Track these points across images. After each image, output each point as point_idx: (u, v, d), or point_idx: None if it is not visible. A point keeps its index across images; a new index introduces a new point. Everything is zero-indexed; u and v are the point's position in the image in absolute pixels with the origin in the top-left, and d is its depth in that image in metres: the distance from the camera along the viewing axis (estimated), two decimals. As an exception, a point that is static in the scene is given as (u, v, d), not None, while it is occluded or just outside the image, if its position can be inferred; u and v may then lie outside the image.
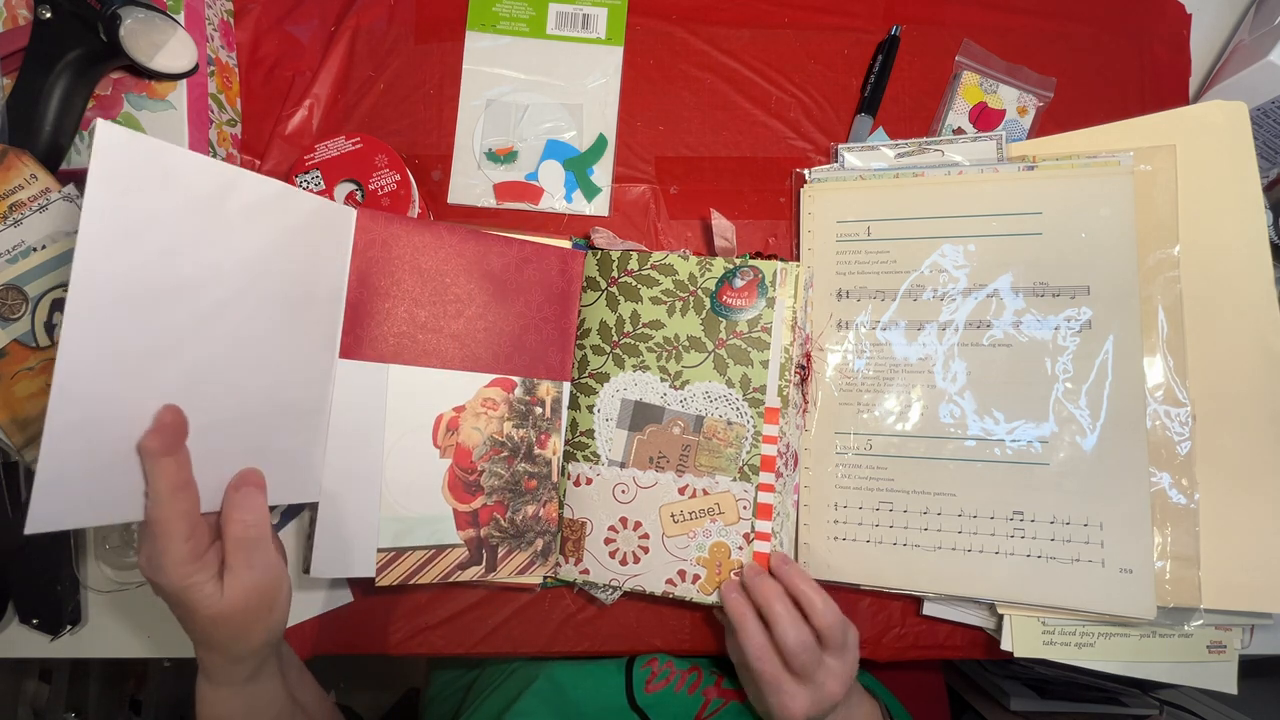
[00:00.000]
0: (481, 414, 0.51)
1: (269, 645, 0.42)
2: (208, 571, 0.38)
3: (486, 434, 0.51)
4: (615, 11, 0.60)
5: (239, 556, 0.39)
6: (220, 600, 0.38)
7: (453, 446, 0.51)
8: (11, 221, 0.49)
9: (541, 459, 0.53)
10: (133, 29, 0.50)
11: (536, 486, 0.52)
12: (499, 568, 0.51)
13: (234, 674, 0.42)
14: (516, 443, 0.52)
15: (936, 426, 0.51)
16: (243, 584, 0.39)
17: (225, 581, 0.39)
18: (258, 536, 0.40)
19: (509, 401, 0.52)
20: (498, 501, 0.51)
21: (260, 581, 0.40)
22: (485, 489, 0.51)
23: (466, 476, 0.51)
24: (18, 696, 1.03)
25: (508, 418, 0.52)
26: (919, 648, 0.54)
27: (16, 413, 0.49)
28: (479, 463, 0.51)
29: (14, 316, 0.49)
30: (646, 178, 0.59)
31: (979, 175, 0.53)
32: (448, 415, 0.51)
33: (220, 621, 0.39)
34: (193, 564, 0.37)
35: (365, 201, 0.55)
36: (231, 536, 0.39)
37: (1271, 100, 0.55)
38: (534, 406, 0.53)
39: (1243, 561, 0.47)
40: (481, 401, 0.51)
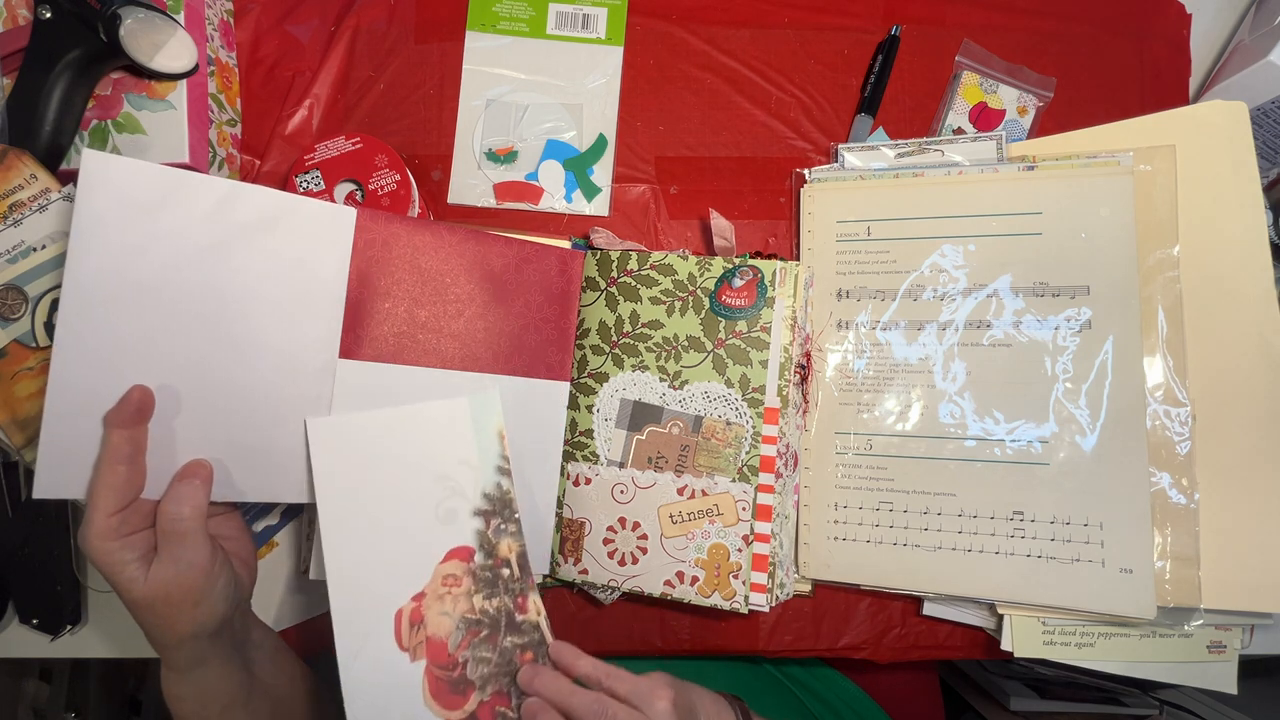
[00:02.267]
0: (445, 595, 0.45)
1: (199, 639, 0.41)
2: (131, 552, 0.39)
3: (457, 616, 0.45)
4: (615, 11, 0.60)
5: (163, 548, 0.39)
6: (141, 585, 0.39)
7: (422, 644, 0.44)
8: (11, 221, 0.49)
9: (527, 625, 0.46)
10: (133, 29, 0.50)
11: (534, 658, 0.45)
12: None
13: (172, 659, 0.42)
14: (494, 615, 0.45)
15: (936, 426, 0.51)
16: (163, 575, 0.39)
17: (151, 569, 0.39)
18: (185, 531, 0.39)
19: (471, 572, 0.46)
20: (496, 692, 0.44)
21: (181, 576, 0.39)
22: (475, 682, 0.44)
23: (449, 674, 0.44)
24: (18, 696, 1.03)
25: (475, 590, 0.46)
26: (919, 648, 0.54)
27: (16, 413, 0.49)
28: (458, 653, 0.44)
29: (14, 316, 0.49)
30: (646, 178, 0.59)
31: (979, 175, 0.53)
32: (408, 608, 0.45)
33: (142, 606, 0.39)
34: (114, 540, 0.38)
35: (365, 201, 0.55)
36: (158, 527, 0.40)
37: (1271, 100, 0.55)
38: (499, 569, 0.46)
39: (1243, 561, 0.47)
40: (442, 580, 0.45)
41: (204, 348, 0.44)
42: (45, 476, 0.40)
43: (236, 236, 0.44)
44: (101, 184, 0.40)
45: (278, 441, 0.47)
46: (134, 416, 0.39)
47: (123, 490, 0.39)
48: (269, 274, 0.46)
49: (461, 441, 0.49)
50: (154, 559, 0.39)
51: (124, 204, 0.41)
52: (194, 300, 0.43)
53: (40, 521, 0.54)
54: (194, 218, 0.43)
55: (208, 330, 0.44)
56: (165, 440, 0.43)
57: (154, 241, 0.42)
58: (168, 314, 0.43)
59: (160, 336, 0.42)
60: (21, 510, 0.54)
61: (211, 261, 0.44)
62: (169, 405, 0.43)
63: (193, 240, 0.43)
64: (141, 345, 0.42)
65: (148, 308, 0.42)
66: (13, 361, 0.49)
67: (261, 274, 0.46)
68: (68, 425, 0.40)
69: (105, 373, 0.41)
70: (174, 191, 0.42)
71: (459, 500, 0.48)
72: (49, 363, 0.40)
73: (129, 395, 0.40)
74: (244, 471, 0.46)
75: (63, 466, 0.40)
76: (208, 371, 0.44)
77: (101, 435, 0.40)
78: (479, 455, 0.49)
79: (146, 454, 0.41)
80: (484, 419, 0.49)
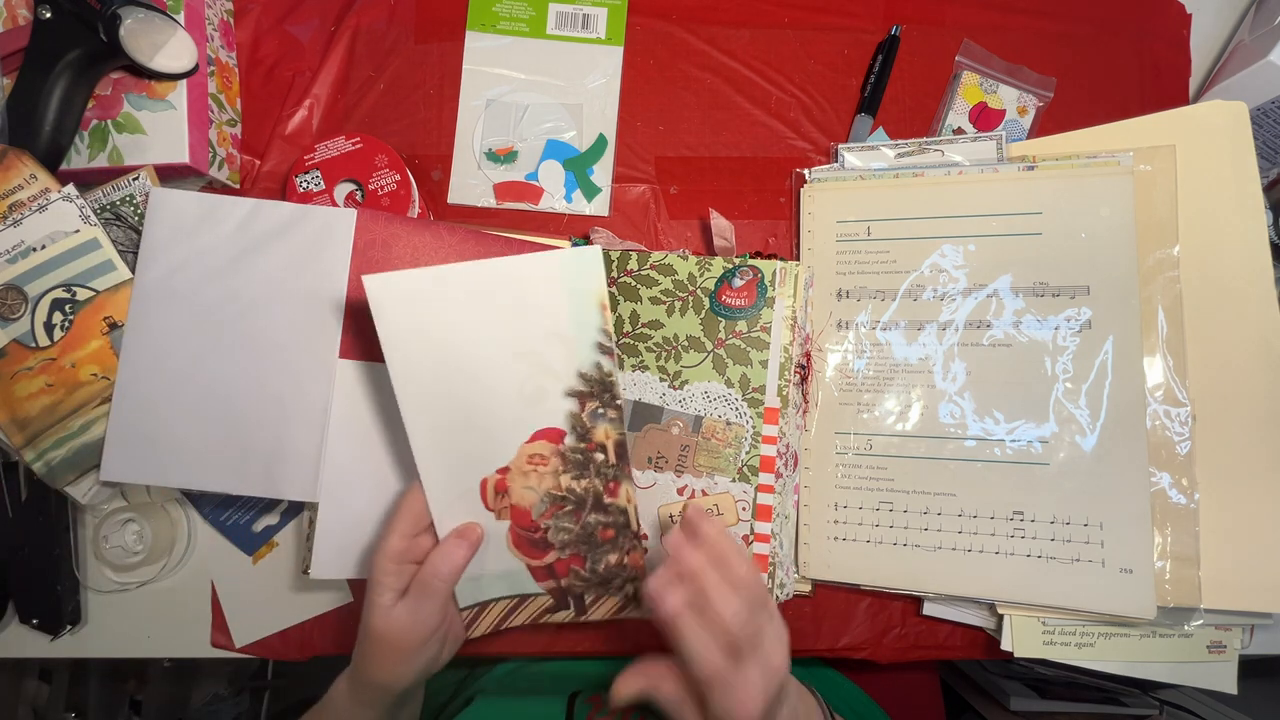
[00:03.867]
0: (530, 472, 0.44)
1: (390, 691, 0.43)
2: (397, 581, 0.41)
3: (542, 491, 0.45)
4: (615, 11, 0.60)
5: (414, 594, 0.41)
6: (382, 615, 0.41)
7: (507, 508, 0.45)
8: (11, 221, 0.49)
9: (614, 508, 0.46)
10: (133, 29, 0.50)
11: (615, 536, 0.46)
12: (589, 610, 0.49)
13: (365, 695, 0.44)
14: (580, 495, 0.45)
15: (936, 426, 0.51)
16: (401, 617, 0.41)
17: (396, 606, 0.41)
18: (437, 589, 0.42)
19: (560, 454, 0.44)
20: (573, 554, 0.46)
21: (411, 627, 0.41)
22: (555, 544, 0.46)
23: (530, 535, 0.46)
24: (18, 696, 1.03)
25: (563, 471, 0.45)
26: (919, 648, 0.54)
27: (16, 413, 0.49)
28: (540, 520, 0.45)
29: (14, 316, 0.49)
30: (646, 178, 0.59)
31: (979, 175, 0.53)
32: (492, 479, 0.44)
33: (371, 634, 0.41)
34: (394, 564, 0.41)
35: (365, 201, 0.55)
36: (420, 574, 0.42)
37: (1271, 100, 0.55)
38: (592, 454, 0.45)
39: (1243, 561, 0.47)
40: (527, 459, 0.44)
41: (222, 349, 0.49)
42: (112, 461, 0.48)
43: (254, 247, 0.49)
44: (162, 212, 0.49)
45: (284, 440, 0.48)
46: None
47: (420, 518, 0.42)
48: (277, 279, 0.49)
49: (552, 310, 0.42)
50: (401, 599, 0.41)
51: (175, 227, 0.49)
52: (217, 306, 0.49)
53: (40, 521, 0.54)
54: (222, 235, 0.49)
55: (227, 333, 0.49)
56: (180, 433, 0.48)
57: (193, 257, 0.49)
58: (199, 319, 0.49)
59: (191, 338, 0.49)
60: (21, 510, 0.54)
61: (233, 271, 0.49)
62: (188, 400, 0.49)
63: (220, 254, 0.49)
64: (177, 346, 0.49)
65: (183, 313, 0.49)
66: (12, 361, 0.49)
67: (271, 279, 0.49)
68: (130, 414, 0.48)
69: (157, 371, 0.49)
70: (210, 213, 0.49)
71: (548, 379, 0.43)
72: (49, 362, 0.42)
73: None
74: (252, 467, 0.48)
75: (127, 452, 0.48)
76: (226, 370, 0.49)
77: None
78: (574, 328, 0.43)
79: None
80: (581, 283, 0.42)
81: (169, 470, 0.49)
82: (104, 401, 0.49)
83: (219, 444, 0.49)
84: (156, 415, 0.49)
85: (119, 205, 0.51)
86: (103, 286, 0.50)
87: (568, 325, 0.42)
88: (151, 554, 0.54)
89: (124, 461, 0.49)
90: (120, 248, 0.50)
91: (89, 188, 0.51)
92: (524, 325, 0.42)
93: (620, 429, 0.44)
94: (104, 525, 0.54)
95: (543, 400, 0.43)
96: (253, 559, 0.55)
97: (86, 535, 0.55)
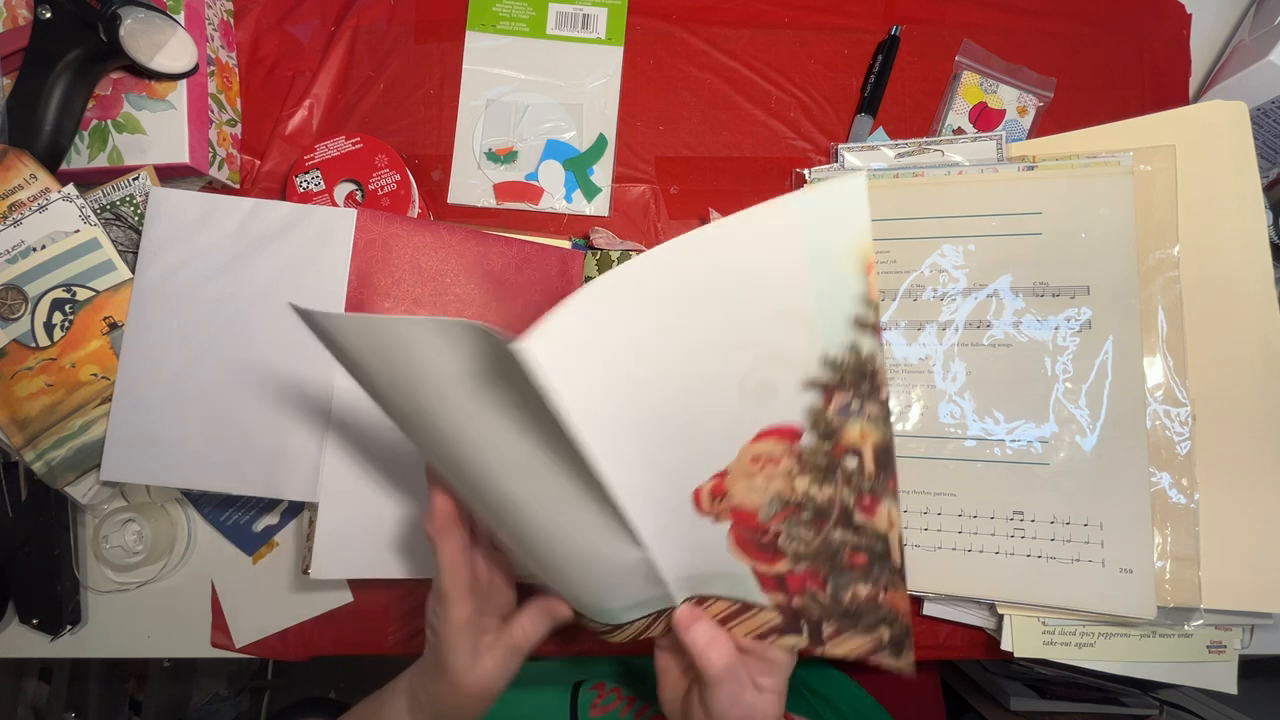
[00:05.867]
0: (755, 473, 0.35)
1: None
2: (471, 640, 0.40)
3: (770, 493, 0.35)
4: (615, 11, 0.60)
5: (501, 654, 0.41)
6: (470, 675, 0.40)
7: (727, 510, 0.36)
8: (11, 221, 0.49)
9: (869, 530, 0.35)
10: (133, 29, 0.50)
11: (868, 563, 0.35)
12: (828, 644, 0.38)
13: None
14: (821, 505, 0.35)
15: (936, 426, 0.51)
16: (490, 675, 0.41)
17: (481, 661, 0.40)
18: (524, 651, 0.42)
19: (795, 453, 0.34)
20: (809, 570, 0.36)
21: (498, 683, 0.41)
22: (787, 553, 0.36)
23: (758, 537, 0.37)
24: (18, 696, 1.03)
25: (799, 473, 0.35)
26: (919, 648, 0.54)
27: (16, 413, 0.49)
28: (769, 524, 0.36)
29: (14, 316, 0.49)
30: (646, 178, 0.59)
31: (979, 175, 0.53)
32: (707, 485, 0.35)
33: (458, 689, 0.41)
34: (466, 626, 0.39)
35: (365, 201, 0.55)
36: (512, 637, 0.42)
37: (1271, 100, 0.55)
38: (840, 459, 0.34)
39: (1243, 561, 0.47)
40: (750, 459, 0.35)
41: (222, 349, 0.49)
42: (112, 461, 0.48)
43: (254, 247, 0.49)
44: (161, 212, 0.50)
45: (285, 440, 0.48)
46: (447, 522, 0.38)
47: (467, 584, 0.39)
48: (278, 279, 0.49)
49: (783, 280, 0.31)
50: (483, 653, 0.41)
51: (174, 227, 0.50)
52: (217, 306, 0.49)
53: (40, 521, 0.54)
54: (223, 235, 0.49)
55: (227, 332, 0.49)
56: (180, 433, 0.48)
57: (193, 256, 0.49)
58: (199, 318, 0.49)
59: (191, 338, 0.49)
60: (21, 510, 0.54)
61: (233, 271, 0.49)
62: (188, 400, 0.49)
63: (221, 253, 0.49)
64: (177, 346, 0.49)
65: (183, 313, 0.49)
66: (12, 361, 0.49)
67: (272, 279, 0.49)
68: (130, 414, 0.49)
69: (157, 370, 0.49)
70: (210, 213, 0.49)
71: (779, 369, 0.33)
72: (49, 362, 0.42)
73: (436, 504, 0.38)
74: (252, 467, 0.48)
75: (127, 452, 0.48)
76: (226, 370, 0.49)
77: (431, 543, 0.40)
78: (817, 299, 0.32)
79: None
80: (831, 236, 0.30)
81: (169, 470, 0.49)
82: (104, 401, 0.49)
83: (219, 444, 0.49)
84: (157, 415, 0.49)
85: (119, 205, 0.51)
86: (103, 286, 0.50)
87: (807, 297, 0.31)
88: (151, 554, 0.54)
89: (124, 461, 0.49)
90: (120, 248, 0.50)
91: (89, 188, 0.51)
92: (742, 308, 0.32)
93: (884, 430, 0.33)
94: (104, 525, 0.54)
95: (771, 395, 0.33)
96: (253, 559, 0.55)
97: (86, 535, 0.55)
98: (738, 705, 0.37)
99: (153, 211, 0.50)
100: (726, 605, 0.38)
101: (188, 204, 0.50)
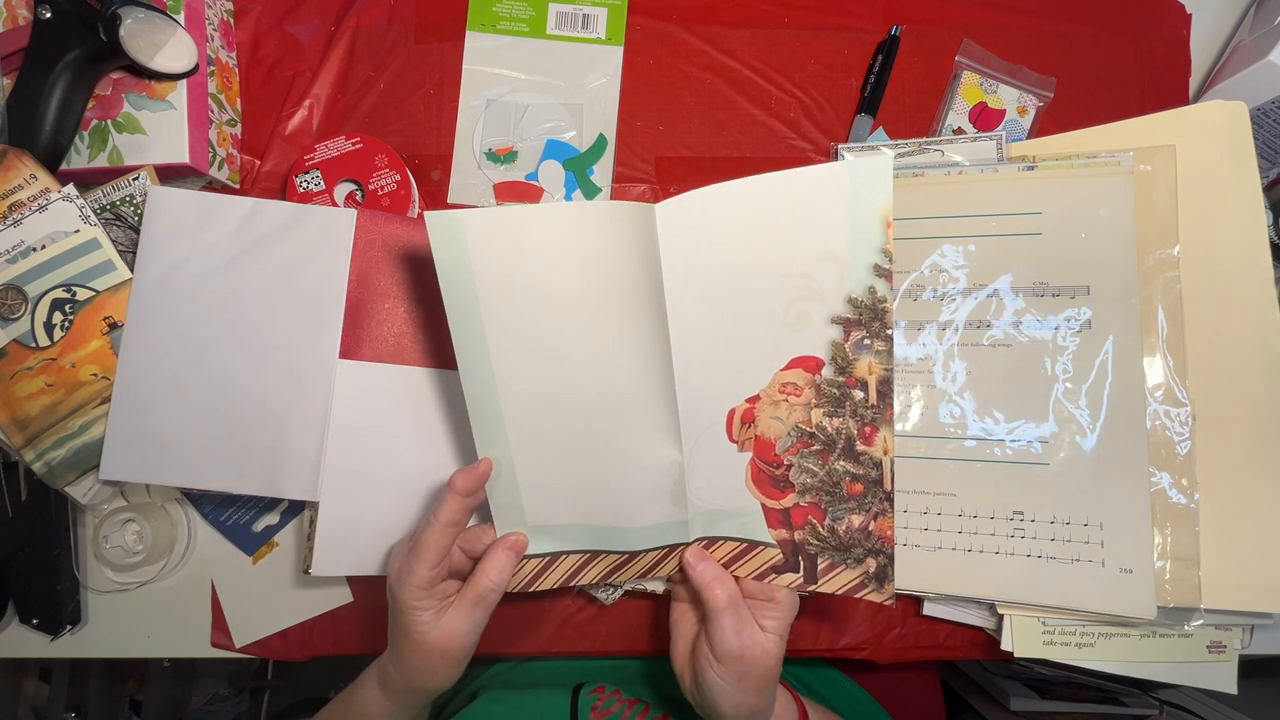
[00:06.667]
0: (781, 402, 0.41)
1: (439, 692, 0.45)
2: (434, 601, 0.42)
3: (790, 424, 0.42)
4: (615, 11, 0.60)
5: (466, 606, 0.42)
6: (434, 631, 0.41)
7: (751, 439, 0.43)
8: (11, 221, 0.49)
9: (867, 459, 0.41)
10: (133, 29, 0.50)
11: (863, 492, 0.42)
12: (820, 580, 0.44)
13: (403, 699, 0.45)
14: (831, 435, 0.42)
15: (936, 426, 0.51)
16: (456, 628, 0.42)
17: (444, 619, 0.42)
18: (492, 601, 0.43)
19: (815, 385, 0.41)
20: (812, 503, 0.43)
21: (468, 635, 0.42)
22: (796, 486, 0.43)
23: (772, 470, 0.43)
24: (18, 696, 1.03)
25: (816, 404, 0.41)
26: (919, 648, 0.54)
27: (16, 413, 0.49)
28: (784, 455, 0.42)
29: (14, 316, 0.49)
30: (646, 178, 0.59)
31: (979, 175, 0.53)
32: (740, 408, 0.42)
33: (424, 650, 0.42)
34: (425, 590, 0.41)
35: (365, 201, 0.55)
36: (474, 588, 0.42)
37: (1271, 100, 0.55)
38: (851, 390, 0.41)
39: (1243, 561, 0.47)
40: (779, 388, 0.41)
41: (222, 348, 0.49)
42: (111, 459, 0.48)
43: (254, 246, 0.49)
44: (160, 211, 0.50)
45: (285, 439, 0.48)
46: (475, 485, 0.42)
47: (447, 549, 0.42)
48: (278, 279, 0.49)
49: (830, 227, 0.39)
50: (447, 610, 0.42)
51: (173, 226, 0.49)
52: (217, 305, 0.49)
53: (40, 521, 0.54)
54: (222, 234, 0.49)
55: (227, 332, 0.49)
56: (180, 432, 0.48)
57: (193, 255, 0.49)
58: (199, 318, 0.49)
59: (191, 337, 0.49)
60: (21, 510, 0.54)
61: (233, 270, 0.49)
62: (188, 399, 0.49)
63: (220, 253, 0.49)
64: (177, 345, 0.49)
65: (183, 312, 0.49)
66: (12, 361, 0.49)
67: (272, 279, 0.49)
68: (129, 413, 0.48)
69: (156, 369, 0.49)
70: (211, 212, 0.49)
71: (814, 304, 0.40)
72: (49, 362, 0.42)
73: (480, 467, 0.42)
74: (252, 465, 0.48)
75: (127, 451, 0.48)
76: (226, 369, 0.49)
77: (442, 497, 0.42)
78: (850, 247, 0.39)
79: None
80: (866, 197, 0.38)
81: (169, 469, 0.49)
82: (104, 401, 0.49)
83: (219, 442, 0.49)
84: (156, 413, 0.49)
85: (119, 205, 0.51)
86: (103, 286, 0.50)
87: (845, 244, 0.38)
88: (151, 554, 0.54)
89: (123, 460, 0.49)
90: (120, 248, 0.50)
91: (89, 188, 0.51)
92: (797, 243, 0.39)
93: (887, 364, 0.40)
94: (104, 525, 0.54)
95: (806, 326, 0.40)
96: (253, 559, 0.55)
97: (86, 535, 0.55)
98: (739, 635, 0.41)
99: (151, 210, 0.49)
100: (734, 546, 0.45)
101: (186, 203, 0.49)
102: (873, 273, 0.39)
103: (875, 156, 0.38)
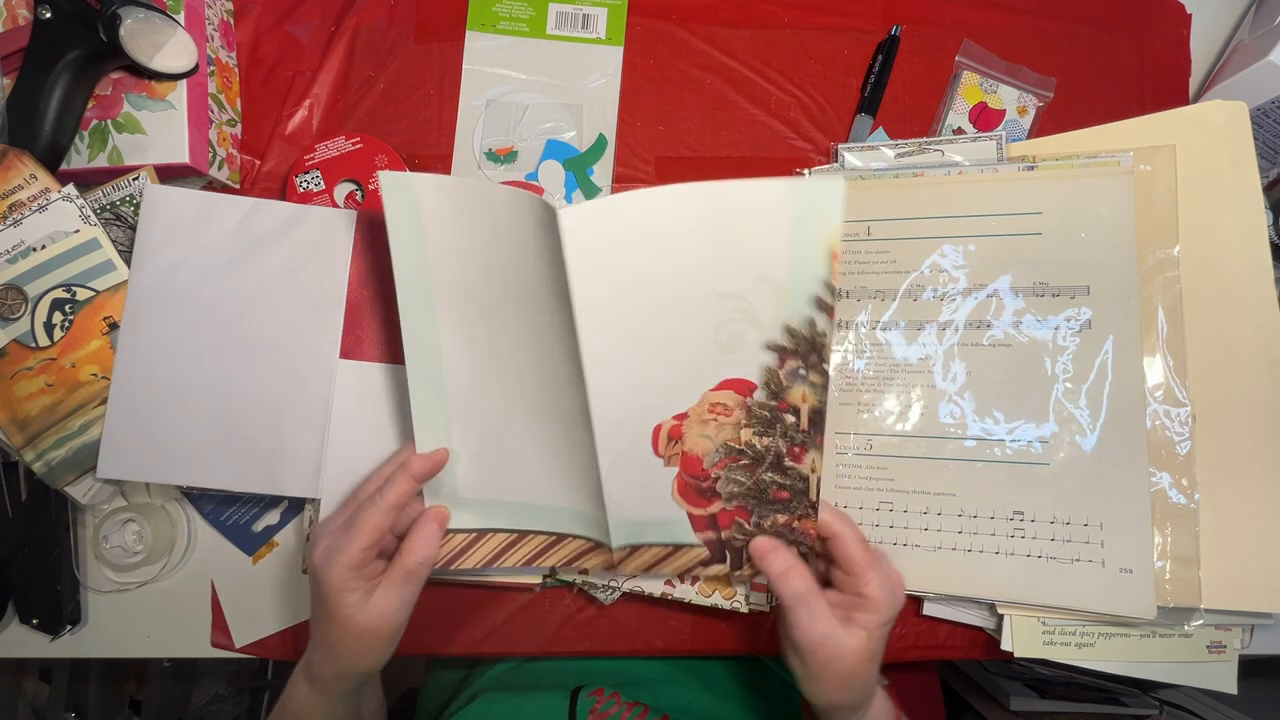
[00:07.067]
0: (710, 421, 0.41)
1: (369, 675, 0.44)
2: (363, 582, 0.41)
3: (719, 441, 0.42)
4: (615, 11, 0.60)
5: (394, 584, 0.41)
6: (364, 612, 0.40)
7: (678, 455, 0.43)
8: (11, 221, 0.49)
9: (795, 473, 0.42)
10: (133, 29, 0.50)
11: (789, 499, 0.43)
12: (746, 567, 0.45)
13: (332, 687, 0.44)
14: (760, 452, 0.42)
15: (936, 426, 0.51)
16: (385, 607, 0.41)
17: (373, 599, 0.41)
18: (421, 576, 0.42)
19: (746, 407, 0.41)
20: (739, 507, 0.44)
21: (397, 613, 0.42)
22: (723, 495, 0.44)
23: (699, 483, 0.44)
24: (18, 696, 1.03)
25: (746, 424, 0.41)
26: (919, 648, 0.54)
27: (16, 413, 0.49)
28: (711, 470, 0.43)
29: (14, 316, 0.49)
30: (646, 178, 0.59)
31: (979, 175, 0.53)
32: (668, 424, 0.42)
33: (354, 632, 0.41)
34: (354, 570, 0.40)
35: (365, 202, 0.55)
36: (403, 563, 0.42)
37: (1271, 100, 0.55)
38: (782, 414, 0.41)
39: (1243, 561, 0.47)
40: (709, 407, 0.41)
41: (222, 348, 0.49)
42: (109, 457, 0.48)
43: (254, 246, 0.49)
44: (157, 209, 0.49)
45: (285, 437, 0.48)
46: (428, 472, 0.42)
47: (385, 531, 0.41)
48: (278, 279, 0.49)
49: (770, 250, 0.37)
50: (374, 590, 0.41)
51: (171, 226, 0.49)
52: (216, 305, 0.49)
53: (40, 521, 0.54)
54: (222, 234, 0.49)
55: (227, 332, 0.49)
56: (179, 430, 0.48)
57: (191, 255, 0.49)
58: (198, 317, 0.49)
59: (189, 337, 0.49)
60: (21, 510, 0.54)
61: (232, 270, 0.49)
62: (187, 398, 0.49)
63: (220, 253, 0.49)
64: (174, 344, 0.49)
65: (181, 312, 0.49)
66: (12, 361, 0.49)
67: (272, 279, 0.49)
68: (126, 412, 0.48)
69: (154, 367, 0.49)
70: (210, 211, 0.49)
71: (748, 327, 0.38)
72: (49, 362, 0.42)
73: (438, 454, 0.42)
74: (253, 464, 0.48)
75: (124, 449, 0.48)
76: (225, 369, 0.49)
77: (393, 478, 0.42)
78: (790, 275, 0.37)
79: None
80: (812, 224, 0.36)
81: (168, 467, 0.49)
82: (104, 402, 0.49)
83: (219, 441, 0.49)
84: (154, 412, 0.49)
85: (119, 205, 0.51)
86: (103, 286, 0.50)
87: (785, 271, 0.37)
88: (151, 554, 0.54)
89: (120, 458, 0.49)
90: (120, 248, 0.50)
91: (89, 188, 0.51)
92: (734, 264, 0.37)
93: (821, 396, 0.39)
94: (104, 525, 0.54)
95: (739, 348, 0.39)
96: (253, 559, 0.55)
97: (86, 535, 0.55)
98: (812, 633, 0.39)
99: (147, 210, 0.49)
100: (659, 550, 0.45)
101: (183, 202, 0.49)
102: (814, 304, 0.37)
103: (827, 180, 0.35)
